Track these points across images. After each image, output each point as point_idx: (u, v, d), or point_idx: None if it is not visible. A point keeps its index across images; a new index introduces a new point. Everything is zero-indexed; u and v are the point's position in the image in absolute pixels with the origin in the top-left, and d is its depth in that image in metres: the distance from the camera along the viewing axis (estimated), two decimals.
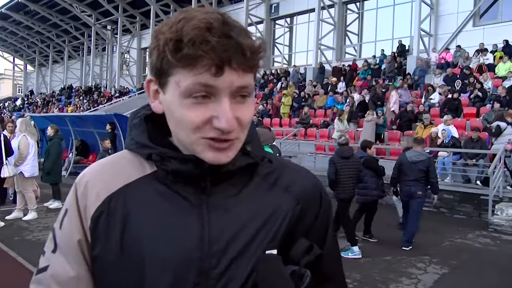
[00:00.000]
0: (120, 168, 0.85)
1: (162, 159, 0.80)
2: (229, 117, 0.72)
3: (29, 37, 40.62)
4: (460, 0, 17.31)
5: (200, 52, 0.69)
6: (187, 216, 0.79)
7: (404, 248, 6.36)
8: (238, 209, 0.81)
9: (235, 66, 0.71)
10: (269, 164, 0.88)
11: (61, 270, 0.82)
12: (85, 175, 0.86)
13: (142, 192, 0.81)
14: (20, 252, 5.63)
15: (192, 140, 0.75)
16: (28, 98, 39.82)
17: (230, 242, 0.79)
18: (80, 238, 0.82)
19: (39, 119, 15.92)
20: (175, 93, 0.74)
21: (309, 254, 0.82)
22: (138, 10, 31.58)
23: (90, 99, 30.06)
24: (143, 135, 0.84)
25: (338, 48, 21.38)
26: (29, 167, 7.40)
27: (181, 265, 0.77)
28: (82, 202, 0.83)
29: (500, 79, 13.46)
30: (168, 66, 0.73)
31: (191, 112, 0.73)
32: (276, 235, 0.81)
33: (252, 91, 0.77)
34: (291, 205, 0.85)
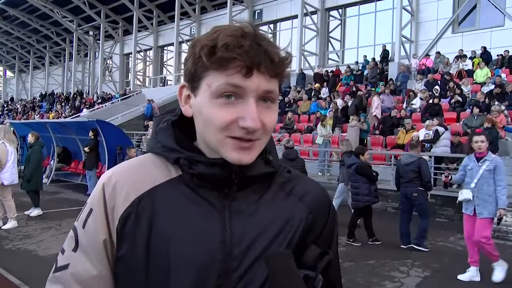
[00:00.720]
0: (147, 170, 0.88)
1: (189, 163, 0.84)
2: (254, 117, 0.78)
3: (9, 42, 40.04)
4: (439, 7, 17.69)
5: (233, 54, 0.76)
6: (211, 219, 0.83)
7: (422, 249, 6.59)
8: (258, 215, 0.86)
9: (263, 70, 0.78)
10: (286, 174, 0.94)
11: (82, 269, 0.84)
12: (113, 176, 0.87)
13: (169, 195, 0.85)
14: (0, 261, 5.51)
15: (219, 139, 0.80)
16: (8, 104, 39.11)
17: (250, 246, 0.83)
18: (105, 237, 0.84)
19: (19, 125, 15.67)
20: (206, 94, 0.80)
21: (322, 259, 0.86)
22: (120, 16, 31.41)
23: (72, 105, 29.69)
24: (170, 139, 0.88)
25: (321, 54, 21.59)
26: (8, 175, 7.25)
27: (204, 267, 0.80)
28: (110, 203, 0.84)
29: (479, 85, 13.75)
30: (202, 69, 0.79)
31: (221, 111, 0.79)
32: (291, 241, 0.86)
33: (277, 98, 0.84)
34: (305, 214, 0.91)
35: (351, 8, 21.43)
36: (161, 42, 30.82)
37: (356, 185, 6.99)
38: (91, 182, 11.16)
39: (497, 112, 11.09)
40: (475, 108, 11.41)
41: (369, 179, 6.96)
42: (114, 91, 31.81)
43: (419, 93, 14.15)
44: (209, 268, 0.80)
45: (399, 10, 17.06)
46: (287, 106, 17.14)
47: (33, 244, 6.45)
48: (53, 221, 8.05)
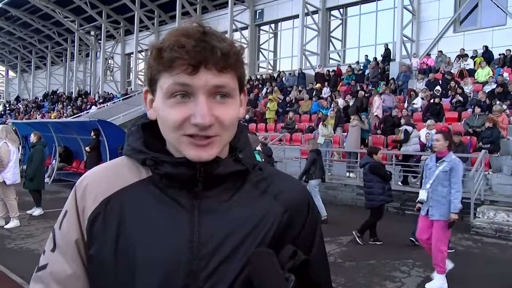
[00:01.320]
0: (118, 172, 0.90)
1: (155, 163, 0.85)
2: (204, 113, 0.78)
3: (11, 42, 40.08)
4: (441, 6, 17.66)
5: (176, 54, 0.77)
6: (179, 219, 0.83)
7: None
8: (229, 214, 0.86)
9: (209, 66, 0.78)
10: (259, 172, 0.93)
11: (60, 268, 0.87)
12: (85, 179, 0.91)
13: (137, 195, 0.86)
14: (2, 260, 5.52)
15: (175, 138, 0.81)
16: (10, 104, 39.17)
17: (219, 246, 0.82)
18: (77, 237, 0.87)
19: (21, 125, 15.70)
20: (160, 96, 0.82)
21: (293, 259, 0.84)
22: (122, 16, 31.42)
23: (73, 105, 29.72)
24: (139, 142, 0.90)
25: (322, 53, 21.58)
26: (11, 175, 7.28)
27: (171, 267, 0.80)
28: (80, 204, 0.88)
29: (481, 84, 13.73)
30: (154, 72, 0.82)
31: (173, 111, 0.80)
32: (263, 240, 0.85)
33: (233, 93, 0.83)
34: (280, 212, 0.89)
35: (352, 7, 21.41)
36: None
37: (370, 185, 6.94)
38: None
39: (498, 112, 11.07)
40: (476, 107, 11.40)
41: (382, 178, 6.93)
42: (115, 91, 31.84)
43: (420, 93, 14.13)
44: (176, 268, 0.80)
45: (400, 9, 17.04)
46: (288, 106, 17.14)
47: (35, 243, 6.47)
48: (55, 220, 7.87)
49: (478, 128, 10.96)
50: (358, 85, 16.47)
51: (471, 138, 10.89)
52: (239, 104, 0.87)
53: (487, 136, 10.30)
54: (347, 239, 7.06)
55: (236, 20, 23.61)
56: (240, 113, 0.87)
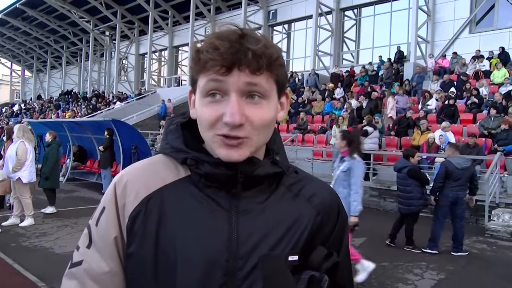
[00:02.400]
0: (157, 170, 0.90)
1: (196, 163, 0.86)
2: (234, 111, 0.78)
3: (27, 42, 40.66)
4: (456, 7, 17.45)
5: (209, 56, 0.79)
6: (218, 219, 0.85)
7: (456, 254, 6.57)
8: (265, 215, 0.87)
9: (242, 68, 0.79)
10: (294, 174, 0.94)
11: (95, 265, 0.87)
12: (124, 175, 0.91)
13: (177, 194, 0.87)
14: (17, 258, 5.60)
15: (209, 137, 0.83)
16: (26, 103, 39.75)
17: (256, 246, 0.84)
18: (116, 235, 0.87)
19: (36, 125, 15.91)
20: (198, 95, 0.84)
21: (328, 260, 0.87)
22: (136, 16, 31.66)
23: (87, 105, 30.06)
24: (179, 140, 0.90)
25: (335, 54, 21.47)
26: (27, 173, 7.37)
27: (210, 265, 0.82)
28: (121, 201, 0.88)
29: (496, 86, 13.53)
30: (195, 73, 0.84)
31: (207, 110, 0.81)
32: (298, 242, 0.87)
33: (268, 94, 0.83)
34: (312, 215, 0.91)
35: (366, 8, 21.27)
36: (176, 43, 31.00)
37: (409, 189, 6.58)
38: (106, 181, 11.29)
39: None
40: (492, 109, 11.24)
41: (422, 182, 6.64)
42: (129, 90, 32.09)
43: (434, 94, 13.98)
44: (215, 266, 0.81)
45: (415, 10, 16.87)
46: (301, 107, 17.09)
47: (50, 242, 6.55)
48: (69, 219, 8.16)
49: (494, 130, 10.81)
50: (370, 87, 16.31)
51: (486, 140, 10.74)
52: (275, 107, 0.86)
53: (503, 138, 10.16)
54: (360, 241, 7.01)
55: (249, 21, 23.61)
56: (279, 116, 0.88)
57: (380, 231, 7.33)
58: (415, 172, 6.66)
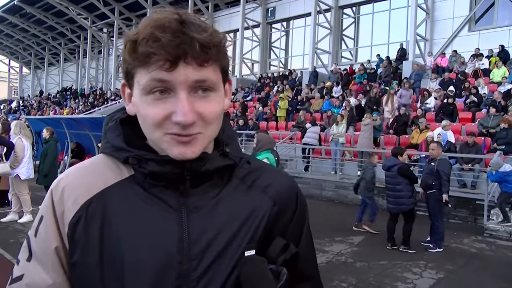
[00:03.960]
0: (98, 172, 0.84)
1: (139, 162, 0.80)
2: (185, 111, 0.73)
3: (25, 39, 40.50)
4: (455, 5, 17.43)
5: (151, 49, 0.71)
6: (167, 219, 0.79)
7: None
8: (217, 211, 0.82)
9: (189, 60, 0.72)
10: (247, 165, 0.89)
11: (38, 278, 0.80)
12: (61, 181, 0.84)
13: (120, 196, 0.81)
14: (15, 254, 5.56)
15: (157, 137, 0.77)
16: (24, 100, 39.62)
17: (210, 244, 0.79)
18: (57, 245, 0.80)
19: (34, 121, 15.85)
20: (138, 92, 0.77)
21: (285, 252, 0.83)
22: (134, 13, 31.54)
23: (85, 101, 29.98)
24: (119, 138, 0.84)
25: (334, 52, 21.44)
26: (25, 170, 7.35)
27: (161, 269, 0.76)
28: (59, 208, 0.81)
29: (496, 84, 13.52)
30: (130, 67, 0.77)
31: (152, 109, 0.75)
32: (254, 235, 0.82)
33: (216, 86, 0.78)
34: (269, 206, 0.86)
35: (365, 6, 21.23)
36: None
37: (400, 188, 6.54)
38: None
39: None
40: (491, 108, 11.23)
41: (411, 180, 6.62)
42: None
43: (433, 93, 13.97)
44: (167, 269, 0.77)
45: (414, 8, 16.84)
46: (300, 104, 17.07)
47: None
48: None
49: (493, 128, 10.80)
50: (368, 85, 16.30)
51: (485, 139, 10.74)
52: (223, 96, 0.82)
53: (502, 137, 10.15)
54: (358, 239, 7.01)
55: (248, 18, 23.56)
56: (225, 104, 0.83)
57: (378, 230, 7.33)
58: (405, 171, 6.62)
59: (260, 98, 19.58)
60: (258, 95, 20.14)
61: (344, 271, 5.50)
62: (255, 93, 20.68)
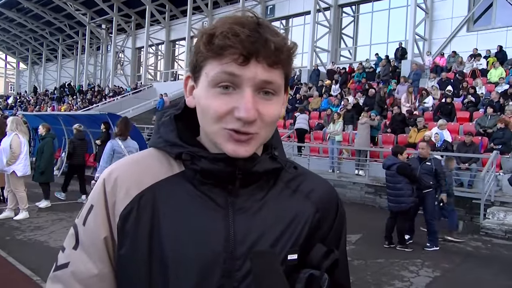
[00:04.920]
0: (149, 166, 0.85)
1: (192, 158, 0.81)
2: (249, 107, 0.74)
3: (22, 34, 40.35)
4: (454, 5, 17.45)
5: (229, 42, 0.73)
6: (214, 217, 0.80)
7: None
8: (263, 213, 0.83)
9: (260, 59, 0.74)
10: (293, 170, 0.90)
11: (83, 267, 0.81)
12: (114, 171, 0.84)
13: (171, 191, 0.82)
14: (11, 252, 5.56)
15: (215, 130, 0.77)
16: (21, 96, 39.47)
17: (254, 245, 0.80)
18: (106, 235, 0.81)
19: (31, 117, 15.79)
20: (204, 84, 0.77)
21: (328, 258, 0.84)
22: (133, 10, 31.48)
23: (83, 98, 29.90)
24: (173, 134, 0.85)
25: (333, 50, 21.45)
26: (22, 166, 7.29)
27: (206, 266, 0.78)
28: (111, 199, 0.81)
29: (493, 85, 13.56)
30: (201, 58, 0.77)
31: (216, 101, 0.76)
32: (297, 240, 0.84)
33: (279, 90, 0.79)
34: (311, 211, 0.88)
35: (364, 4, 21.25)
36: (173, 37, 30.86)
37: (400, 187, 6.52)
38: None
39: (511, 112, 10.93)
40: (489, 108, 11.26)
41: (411, 179, 6.60)
42: (125, 84, 31.97)
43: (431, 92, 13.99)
44: (211, 267, 0.78)
45: (413, 7, 16.86)
46: (298, 103, 17.06)
47: (44, 235, 6.51)
48: (64, 212, 8.11)
49: (490, 128, 10.84)
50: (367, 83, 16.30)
51: (482, 139, 10.77)
52: (282, 103, 0.83)
53: (499, 137, 10.19)
54: (355, 237, 7.02)
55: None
56: (282, 111, 0.84)
57: (376, 228, 7.34)
58: (404, 170, 6.60)
59: None
60: None
61: None
62: None
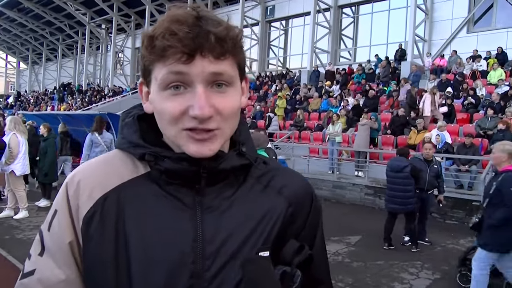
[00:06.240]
0: (113, 167, 0.83)
1: (155, 159, 0.79)
2: (202, 104, 0.73)
3: (23, 34, 40.27)
4: (454, 6, 17.43)
5: (168, 43, 0.72)
6: (181, 217, 0.79)
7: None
8: (232, 211, 0.82)
9: (205, 53, 0.73)
10: (262, 165, 0.89)
11: (50, 273, 0.79)
12: (76, 174, 0.83)
13: (136, 193, 0.80)
14: (11, 250, 5.57)
15: (174, 133, 0.76)
16: (21, 95, 39.43)
17: (224, 244, 0.78)
18: (71, 239, 0.80)
19: (31, 117, 15.76)
20: (155, 88, 0.77)
21: (300, 254, 0.83)
22: (133, 10, 31.44)
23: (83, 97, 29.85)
24: (136, 135, 0.84)
25: (332, 51, 21.44)
26: (20, 166, 7.30)
27: (174, 267, 0.76)
28: (73, 202, 0.80)
29: (494, 86, 13.55)
30: (147, 63, 0.77)
31: (169, 103, 0.75)
32: (269, 237, 0.82)
33: (233, 80, 0.78)
34: (284, 207, 0.86)
35: (364, 5, 21.22)
36: None
37: (410, 188, 6.50)
38: None
39: (511, 114, 10.92)
40: (489, 109, 11.25)
41: (419, 181, 6.59)
42: (125, 84, 31.95)
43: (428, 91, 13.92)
44: (180, 268, 0.76)
45: (413, 8, 16.83)
46: (298, 104, 17.06)
47: None
48: None
49: (490, 130, 10.82)
50: (367, 85, 16.30)
51: (482, 140, 10.76)
52: (240, 93, 0.81)
53: (499, 138, 10.13)
54: (355, 239, 7.01)
55: (247, 16, 23.50)
56: (242, 102, 0.83)
57: (375, 230, 7.33)
58: (419, 171, 6.59)
59: (258, 96, 19.55)
60: (257, 93, 20.12)
61: (341, 271, 5.49)
62: (253, 91, 20.66)
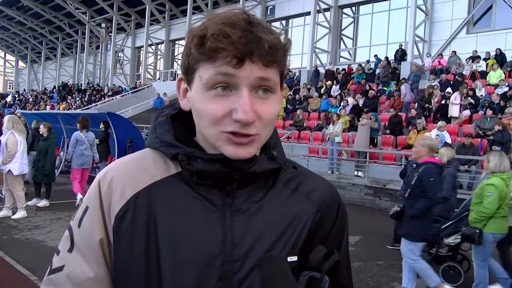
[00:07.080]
0: (145, 166, 0.83)
1: (188, 159, 0.79)
2: (247, 108, 0.72)
3: (22, 33, 40.28)
4: (454, 7, 17.46)
5: (221, 44, 0.71)
6: (210, 219, 0.79)
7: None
8: (261, 215, 0.82)
9: (255, 59, 0.73)
10: (292, 170, 0.89)
11: (79, 270, 0.79)
12: (109, 172, 0.83)
13: (167, 192, 0.80)
14: (9, 251, 5.54)
15: (213, 134, 0.76)
16: (20, 95, 39.37)
17: (252, 247, 0.79)
18: (101, 237, 0.80)
19: (30, 116, 15.74)
20: (198, 87, 0.76)
21: (328, 260, 0.82)
22: (133, 9, 31.44)
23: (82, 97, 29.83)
24: (169, 134, 0.83)
25: (332, 51, 21.44)
26: (18, 165, 7.25)
27: (204, 269, 0.76)
28: (106, 200, 0.80)
29: (493, 87, 13.56)
30: (193, 61, 0.76)
31: (212, 104, 0.74)
32: (297, 241, 0.82)
33: (276, 88, 0.78)
34: (312, 212, 0.86)
35: (364, 6, 21.25)
36: (173, 36, 30.82)
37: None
38: None
39: (510, 115, 10.93)
40: (488, 110, 11.26)
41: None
42: (124, 84, 31.92)
43: None
44: (209, 270, 0.76)
45: (413, 9, 16.85)
46: (297, 103, 17.06)
47: (42, 235, 6.48)
48: (62, 212, 8.08)
49: (489, 130, 10.83)
50: (367, 85, 16.30)
51: (481, 141, 10.77)
52: (280, 100, 0.82)
53: (498, 139, 10.18)
54: (355, 239, 6.99)
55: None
56: (279, 109, 0.83)
57: (375, 230, 7.34)
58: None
59: None
60: None
61: None
62: None
